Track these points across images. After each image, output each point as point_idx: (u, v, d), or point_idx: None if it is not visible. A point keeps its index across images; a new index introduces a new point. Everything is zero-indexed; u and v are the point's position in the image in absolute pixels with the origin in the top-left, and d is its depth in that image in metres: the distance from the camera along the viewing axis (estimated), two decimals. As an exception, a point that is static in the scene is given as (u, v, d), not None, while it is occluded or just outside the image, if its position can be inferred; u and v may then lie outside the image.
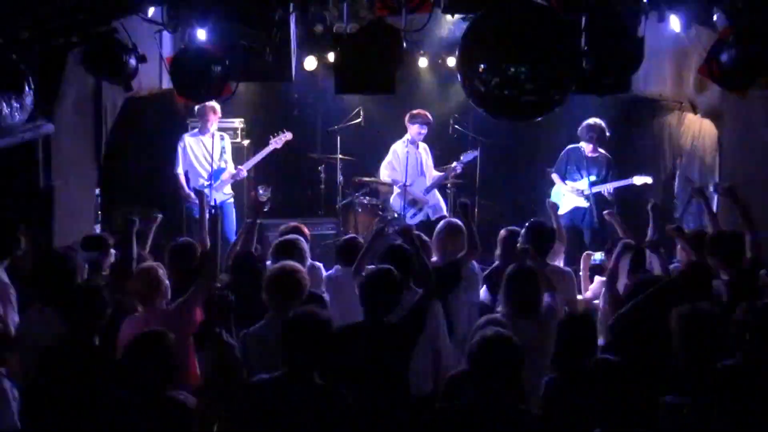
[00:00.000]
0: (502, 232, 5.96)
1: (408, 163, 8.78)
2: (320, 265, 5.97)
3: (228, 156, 8.67)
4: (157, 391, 3.74)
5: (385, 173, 9.07)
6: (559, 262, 6.24)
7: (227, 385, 4.05)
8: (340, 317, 4.97)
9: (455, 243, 5.72)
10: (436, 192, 9.21)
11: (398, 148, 9.00)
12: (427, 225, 8.16)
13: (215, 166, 8.45)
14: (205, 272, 5.02)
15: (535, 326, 4.70)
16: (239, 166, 8.74)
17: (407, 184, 8.79)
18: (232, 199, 8.77)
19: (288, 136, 8.84)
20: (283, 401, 3.75)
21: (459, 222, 5.86)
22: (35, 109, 5.50)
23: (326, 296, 5.36)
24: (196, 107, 8.42)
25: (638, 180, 8.31)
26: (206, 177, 8.44)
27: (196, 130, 8.61)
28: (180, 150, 8.54)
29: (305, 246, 5.66)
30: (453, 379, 4.22)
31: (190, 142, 8.55)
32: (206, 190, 7.97)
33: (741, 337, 3.96)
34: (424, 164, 9.09)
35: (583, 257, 6.37)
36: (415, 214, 8.92)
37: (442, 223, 6.00)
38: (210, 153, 8.41)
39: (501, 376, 3.55)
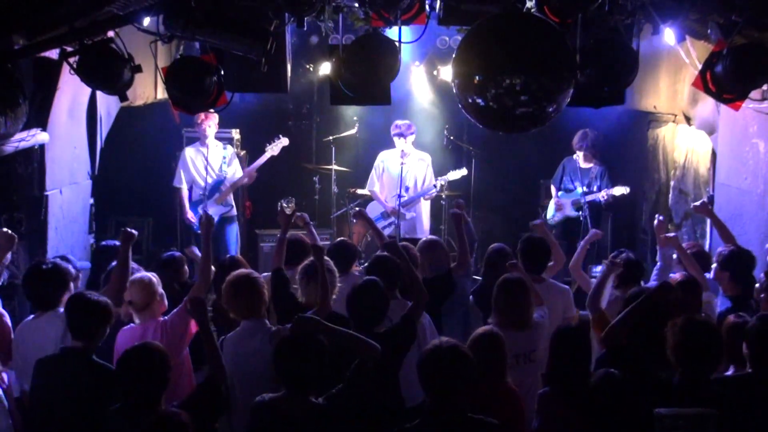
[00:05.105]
0: (489, 249, 5.95)
1: (384, 175, 8.77)
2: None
3: (227, 166, 8.44)
4: (150, 405, 3.70)
5: (368, 183, 9.00)
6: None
7: (215, 397, 4.03)
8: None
9: (435, 257, 5.72)
10: (423, 210, 8.91)
11: (377, 158, 8.92)
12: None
13: (214, 176, 8.32)
14: (198, 284, 5.00)
15: (524, 337, 4.73)
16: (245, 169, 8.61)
17: (386, 195, 8.75)
18: (233, 212, 8.57)
19: (284, 141, 8.70)
20: (281, 423, 3.76)
21: (436, 238, 6.01)
22: (30, 118, 5.49)
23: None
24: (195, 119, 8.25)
25: (617, 191, 8.44)
26: (205, 189, 8.28)
27: (197, 141, 8.42)
28: (180, 163, 8.40)
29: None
30: None
31: (190, 154, 8.37)
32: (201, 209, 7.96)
33: (750, 349, 3.97)
34: (410, 177, 8.73)
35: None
36: (385, 227, 8.65)
37: (421, 241, 6.02)
38: (209, 163, 8.28)
39: (451, 384, 3.53)
